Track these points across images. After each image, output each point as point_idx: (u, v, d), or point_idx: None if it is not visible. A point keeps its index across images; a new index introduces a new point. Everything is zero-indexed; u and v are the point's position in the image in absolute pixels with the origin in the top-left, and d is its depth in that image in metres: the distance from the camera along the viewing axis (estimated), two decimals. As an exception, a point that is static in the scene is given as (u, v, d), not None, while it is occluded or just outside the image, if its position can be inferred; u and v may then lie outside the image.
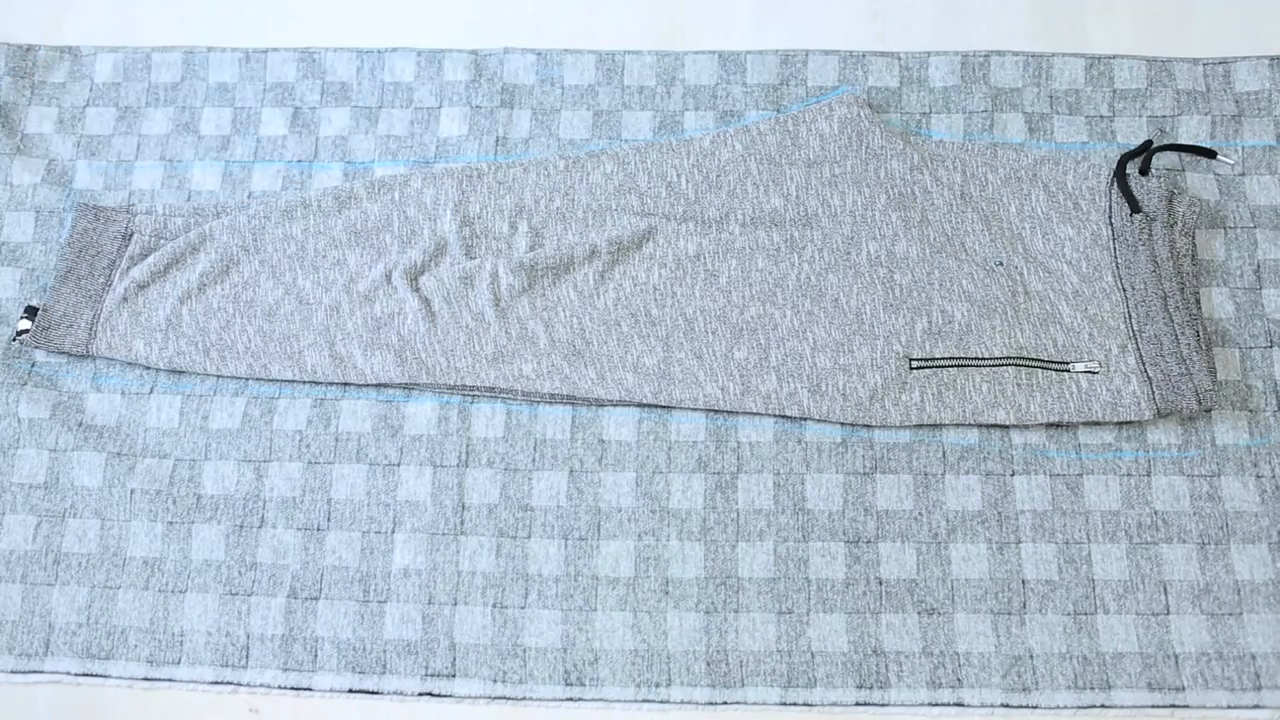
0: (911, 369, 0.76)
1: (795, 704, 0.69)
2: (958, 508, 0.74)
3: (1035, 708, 0.69)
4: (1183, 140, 0.84)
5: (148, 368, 0.79)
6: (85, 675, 0.71)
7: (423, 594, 0.73)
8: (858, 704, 0.69)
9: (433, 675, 0.71)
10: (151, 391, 0.78)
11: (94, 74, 0.89)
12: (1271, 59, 0.87)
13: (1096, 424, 0.75)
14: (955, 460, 0.75)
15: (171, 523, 0.75)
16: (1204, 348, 0.75)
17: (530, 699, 0.70)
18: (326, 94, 0.88)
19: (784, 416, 0.76)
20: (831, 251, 0.80)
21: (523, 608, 0.72)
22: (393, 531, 0.74)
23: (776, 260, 0.79)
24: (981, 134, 0.85)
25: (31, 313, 0.78)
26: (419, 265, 0.79)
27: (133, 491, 0.75)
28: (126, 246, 0.81)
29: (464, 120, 0.87)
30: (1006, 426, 0.76)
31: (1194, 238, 0.80)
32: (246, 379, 0.78)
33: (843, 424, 0.76)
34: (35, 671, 0.71)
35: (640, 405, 0.77)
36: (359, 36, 0.90)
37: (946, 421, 0.75)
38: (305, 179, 0.85)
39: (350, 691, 0.71)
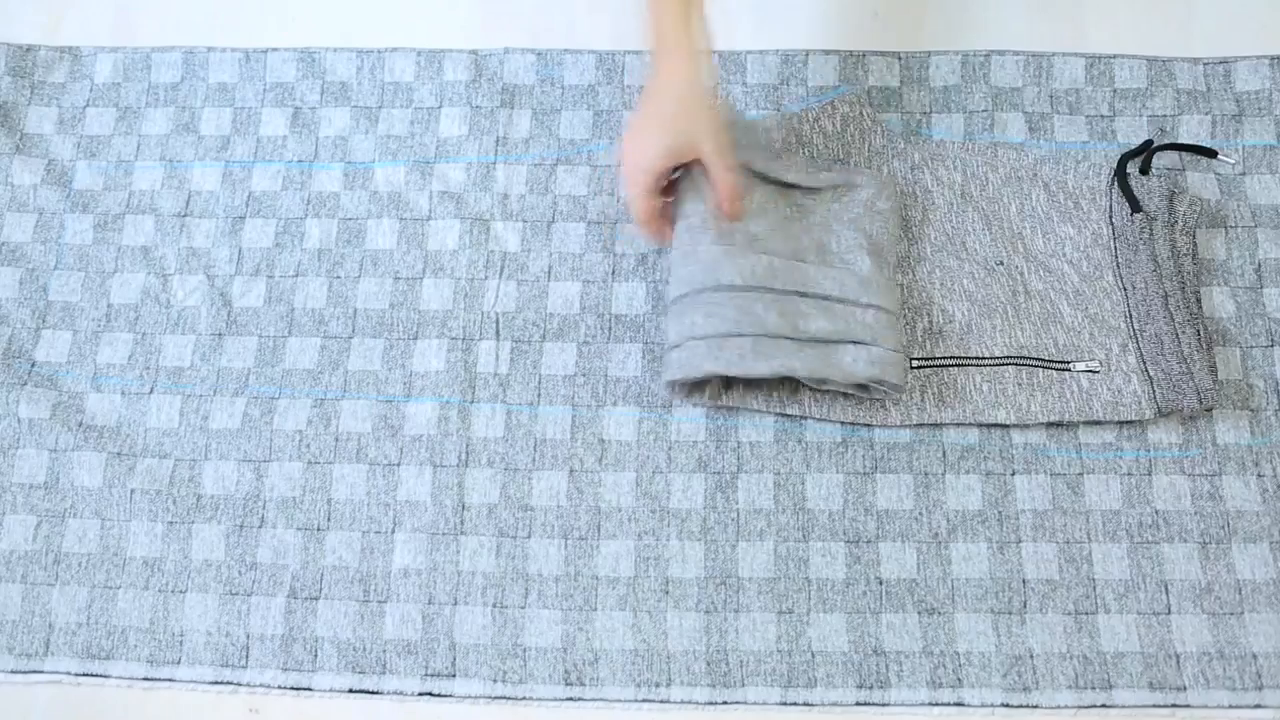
0: (912, 368, 0.76)
1: (795, 704, 0.69)
2: (958, 507, 0.74)
3: (1036, 707, 0.69)
4: (1183, 140, 0.84)
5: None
6: (85, 675, 0.71)
7: (423, 594, 0.73)
8: (858, 704, 0.69)
9: (433, 675, 0.71)
10: (151, 391, 0.78)
11: (94, 74, 0.89)
12: (1272, 58, 0.87)
13: (1097, 424, 0.75)
14: (955, 460, 0.75)
15: (171, 523, 0.75)
16: (1205, 347, 0.75)
17: (530, 699, 0.70)
18: (326, 94, 0.88)
19: (784, 416, 0.76)
20: None
21: (523, 608, 0.72)
22: (393, 531, 0.74)
23: None
24: (982, 134, 0.85)
25: None
26: None
27: (133, 491, 0.75)
28: None
29: (464, 120, 0.87)
30: (1007, 426, 0.75)
31: (1194, 237, 0.80)
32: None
33: (843, 423, 0.76)
34: (35, 671, 0.71)
35: (640, 405, 0.77)
36: (359, 36, 0.90)
37: (947, 421, 0.74)
38: (305, 179, 0.85)
39: (350, 691, 0.71)
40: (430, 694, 0.71)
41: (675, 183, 0.75)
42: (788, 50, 0.88)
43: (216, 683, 0.71)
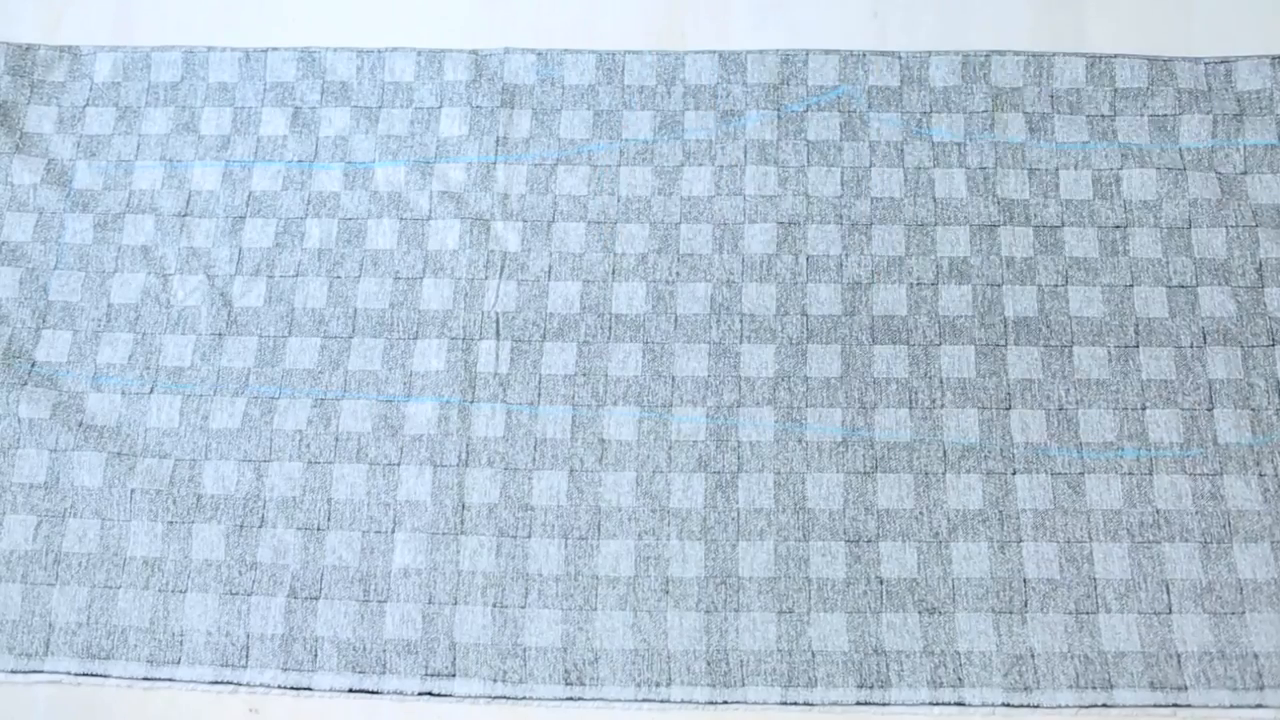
0: None
1: (796, 703, 0.69)
2: (959, 507, 0.74)
3: (1037, 707, 0.69)
4: (1184, 138, 0.84)
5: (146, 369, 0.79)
6: (85, 675, 0.71)
7: (423, 594, 0.73)
8: (858, 703, 0.69)
9: (433, 675, 0.71)
10: (151, 391, 0.78)
11: (94, 74, 0.89)
12: (1273, 58, 0.87)
13: (1098, 423, 0.75)
14: (956, 459, 0.75)
15: (171, 523, 0.75)
16: None
17: (530, 698, 0.70)
18: (326, 94, 0.88)
19: (785, 415, 0.76)
20: None
21: (523, 607, 0.72)
22: (393, 531, 0.74)
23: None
24: (982, 134, 0.85)
25: None
26: None
27: (133, 491, 0.75)
28: None
29: (464, 120, 0.87)
30: (1008, 424, 0.75)
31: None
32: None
33: (843, 424, 0.76)
34: (35, 671, 0.71)
35: (640, 405, 0.77)
36: (359, 36, 0.90)
37: None
38: (305, 179, 0.85)
39: (350, 691, 0.71)
40: (430, 694, 0.70)
41: None
42: (788, 50, 0.88)
43: (216, 682, 0.71)
